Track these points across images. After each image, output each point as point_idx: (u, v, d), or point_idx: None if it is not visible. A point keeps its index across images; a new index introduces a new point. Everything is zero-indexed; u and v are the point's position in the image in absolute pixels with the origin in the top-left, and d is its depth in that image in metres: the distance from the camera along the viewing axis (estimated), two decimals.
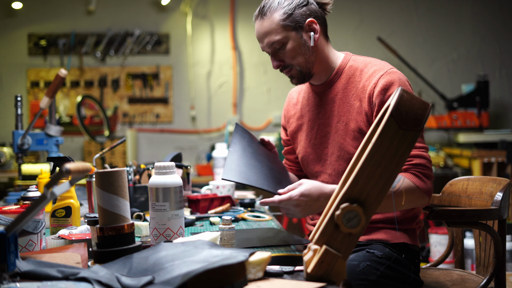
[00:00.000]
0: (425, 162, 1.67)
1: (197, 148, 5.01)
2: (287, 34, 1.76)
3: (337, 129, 1.80)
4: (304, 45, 1.77)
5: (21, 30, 4.96)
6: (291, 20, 1.75)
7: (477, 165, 4.07)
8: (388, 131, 1.11)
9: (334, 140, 1.81)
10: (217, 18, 5.03)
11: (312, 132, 1.88)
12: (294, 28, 1.76)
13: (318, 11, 1.80)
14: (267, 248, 1.55)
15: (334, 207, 1.12)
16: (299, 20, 1.76)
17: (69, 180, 1.13)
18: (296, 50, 1.77)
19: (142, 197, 2.12)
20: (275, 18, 1.75)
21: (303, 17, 1.76)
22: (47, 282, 1.06)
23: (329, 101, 1.83)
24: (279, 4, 1.76)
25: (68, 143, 4.88)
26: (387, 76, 1.72)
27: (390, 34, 4.97)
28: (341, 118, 1.79)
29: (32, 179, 2.53)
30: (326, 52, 1.83)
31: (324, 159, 1.86)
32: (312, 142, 1.88)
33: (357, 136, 1.75)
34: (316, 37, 1.78)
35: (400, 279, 1.72)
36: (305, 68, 1.80)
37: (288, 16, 1.75)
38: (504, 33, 5.05)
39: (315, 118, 1.87)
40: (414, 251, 1.78)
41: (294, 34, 1.76)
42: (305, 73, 1.81)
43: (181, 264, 1.09)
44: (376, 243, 1.76)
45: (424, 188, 1.65)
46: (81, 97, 4.35)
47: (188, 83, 5.02)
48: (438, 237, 3.86)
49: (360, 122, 1.75)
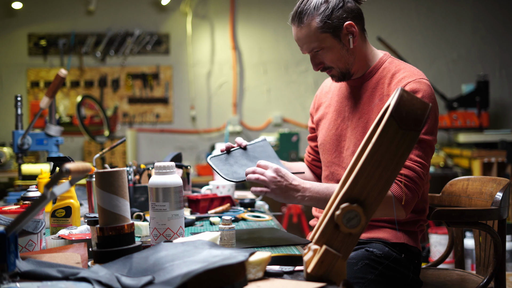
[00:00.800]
0: (413, 175, 1.63)
1: (197, 148, 5.01)
2: (325, 40, 1.75)
3: (357, 125, 1.81)
4: (343, 48, 1.77)
5: (21, 30, 4.96)
6: (329, 26, 1.73)
7: (477, 165, 4.07)
8: (388, 131, 1.11)
9: (352, 135, 1.82)
10: (217, 18, 5.03)
11: (336, 123, 1.89)
12: (333, 33, 1.75)
13: (355, 9, 1.78)
14: (267, 248, 1.55)
15: (334, 207, 1.12)
16: (337, 25, 1.74)
17: (69, 180, 1.13)
18: (335, 54, 1.77)
19: (142, 197, 2.12)
20: (312, 25, 1.74)
21: (340, 21, 1.74)
22: (47, 282, 1.06)
23: (357, 97, 1.84)
24: (315, 10, 1.73)
25: (68, 143, 4.88)
26: (414, 84, 1.71)
27: (390, 34, 4.97)
28: (363, 116, 1.80)
29: (32, 179, 2.53)
30: (364, 50, 1.82)
31: (339, 151, 1.87)
32: (333, 132, 1.89)
33: None
34: (354, 39, 1.76)
35: (399, 278, 1.72)
36: (344, 69, 1.81)
37: (326, 22, 1.73)
38: (504, 33, 5.05)
39: (341, 110, 1.88)
40: (414, 252, 1.78)
41: (332, 39, 1.75)
42: (345, 73, 1.82)
43: (181, 264, 1.09)
44: (376, 242, 1.76)
45: (400, 198, 1.60)
46: (81, 97, 4.35)
47: (188, 83, 5.02)
48: (438, 237, 3.87)
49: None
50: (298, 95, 5.04)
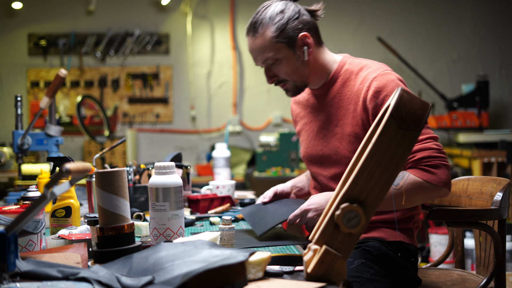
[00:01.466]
0: (429, 153, 1.62)
1: (197, 148, 5.01)
2: (280, 50, 1.74)
3: (334, 133, 1.80)
4: (297, 60, 1.76)
5: (21, 30, 4.96)
6: (283, 36, 1.72)
7: (477, 165, 4.07)
8: (388, 131, 1.11)
9: (331, 143, 1.81)
10: (217, 18, 5.03)
11: (312, 134, 1.89)
12: (287, 44, 1.74)
13: (310, 21, 1.77)
14: (267, 248, 1.55)
15: (334, 207, 1.12)
16: (292, 36, 1.73)
17: (69, 180, 1.13)
18: (290, 66, 1.76)
19: (142, 197, 2.12)
20: (267, 34, 1.73)
21: (295, 31, 1.73)
22: (47, 282, 1.06)
23: (327, 105, 1.83)
24: (270, 19, 1.73)
25: (68, 143, 4.88)
26: (379, 79, 1.70)
27: (390, 34, 4.97)
28: (338, 122, 1.79)
29: (32, 179, 2.53)
30: (321, 59, 1.81)
31: (321, 161, 1.86)
32: (312, 143, 1.89)
33: (353, 140, 1.75)
34: (309, 51, 1.75)
35: (396, 277, 1.72)
36: (299, 82, 1.80)
37: (281, 32, 1.72)
38: (504, 33, 5.05)
39: (315, 120, 1.88)
40: (411, 250, 1.78)
41: (287, 49, 1.74)
42: (300, 86, 1.81)
43: (181, 264, 1.09)
44: (373, 241, 1.76)
45: (435, 180, 1.60)
46: (81, 97, 4.35)
47: (188, 83, 5.02)
48: (438, 237, 3.86)
49: (355, 126, 1.74)
50: None
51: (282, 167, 4.33)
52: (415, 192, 1.61)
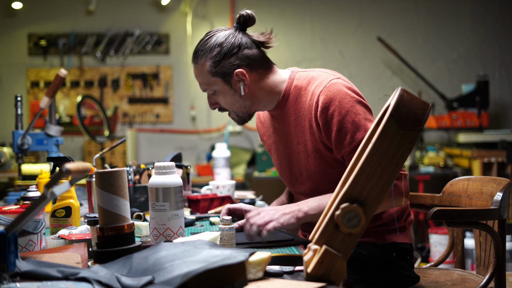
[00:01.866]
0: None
1: (197, 148, 5.01)
2: (216, 83, 1.73)
3: (298, 151, 1.77)
4: (234, 94, 1.73)
5: (21, 30, 4.96)
6: (218, 71, 1.70)
7: (477, 165, 4.06)
8: (388, 131, 1.11)
9: (298, 161, 1.78)
10: (217, 18, 5.03)
11: (279, 155, 1.86)
12: (223, 78, 1.71)
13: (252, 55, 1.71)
14: (267, 248, 1.55)
15: (334, 207, 1.12)
16: (227, 71, 1.70)
17: (69, 180, 1.13)
18: (228, 99, 1.75)
19: (142, 197, 2.12)
20: (204, 67, 1.71)
21: (231, 67, 1.70)
22: (47, 282, 1.06)
23: (285, 124, 1.79)
24: (209, 52, 1.70)
25: (68, 143, 4.88)
26: (325, 92, 1.65)
27: (390, 34, 4.97)
28: (299, 140, 1.76)
29: (32, 179, 2.53)
30: (267, 86, 1.75)
31: (294, 180, 1.84)
32: (282, 163, 1.86)
33: (317, 156, 1.72)
34: (245, 87, 1.72)
35: (390, 278, 1.72)
36: (241, 112, 1.78)
37: (216, 66, 1.70)
38: (504, 33, 5.05)
39: (278, 141, 1.85)
40: (405, 249, 1.78)
41: (223, 84, 1.72)
42: (242, 117, 1.79)
43: (181, 264, 1.09)
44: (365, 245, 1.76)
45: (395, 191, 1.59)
46: (81, 97, 4.35)
47: (188, 83, 5.02)
48: (438, 237, 3.86)
49: (315, 142, 1.71)
50: None
51: None
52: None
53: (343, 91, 1.65)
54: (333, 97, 1.64)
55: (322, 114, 1.65)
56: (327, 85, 1.66)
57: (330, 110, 1.64)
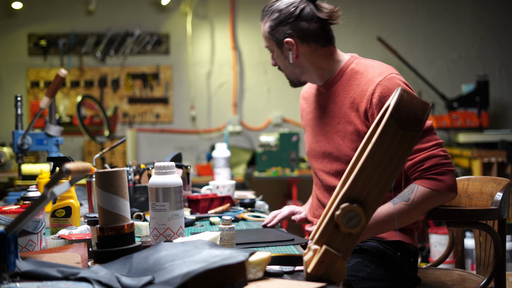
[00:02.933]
0: (437, 160, 1.63)
1: (197, 148, 5.01)
2: (272, 45, 1.83)
3: (337, 130, 1.81)
4: (285, 59, 1.83)
5: (21, 30, 4.96)
6: (272, 35, 1.81)
7: (477, 165, 4.06)
8: (388, 131, 1.11)
9: (333, 140, 1.82)
10: (217, 18, 5.03)
11: (316, 130, 1.91)
12: (276, 43, 1.82)
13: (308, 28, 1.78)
14: (267, 248, 1.55)
15: (334, 207, 1.12)
16: (279, 37, 1.80)
17: (69, 180, 1.13)
18: (280, 62, 1.85)
19: (142, 197, 2.12)
20: (265, 27, 1.83)
21: (282, 35, 1.79)
22: (47, 282, 1.06)
23: (330, 102, 1.84)
24: (271, 14, 1.80)
25: (68, 143, 4.88)
26: (385, 83, 1.70)
27: (390, 34, 4.97)
28: (341, 120, 1.80)
29: (32, 179, 2.53)
30: (320, 62, 1.82)
31: (322, 157, 1.87)
32: (315, 139, 1.90)
33: (355, 138, 1.75)
34: (293, 56, 1.80)
35: (393, 277, 1.72)
36: (291, 77, 1.88)
37: (272, 30, 1.81)
38: (504, 33, 5.05)
39: (320, 116, 1.89)
40: (411, 250, 1.78)
41: (276, 48, 1.83)
42: (293, 81, 1.88)
43: (181, 264, 1.09)
44: (371, 240, 1.77)
45: (442, 187, 1.62)
46: (81, 97, 4.35)
47: (188, 83, 5.02)
48: (438, 237, 3.86)
49: (358, 125, 1.74)
50: (298, 95, 5.01)
51: (282, 167, 4.33)
52: (425, 203, 1.62)
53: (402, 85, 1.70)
54: (393, 89, 1.69)
55: (379, 103, 1.69)
56: (388, 77, 1.72)
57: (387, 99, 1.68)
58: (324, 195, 1.88)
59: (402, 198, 1.62)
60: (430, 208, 1.64)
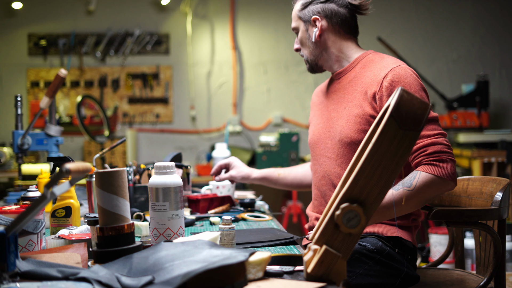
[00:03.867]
0: (440, 148, 1.65)
1: (197, 148, 5.01)
2: (299, 24, 1.93)
3: (342, 115, 1.85)
4: (308, 38, 1.92)
5: (21, 30, 4.96)
6: (303, 13, 1.91)
7: (477, 165, 4.06)
8: (388, 131, 1.11)
9: (337, 124, 1.86)
10: (217, 18, 5.03)
11: (322, 116, 1.96)
12: (304, 21, 1.92)
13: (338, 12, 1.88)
14: (267, 248, 1.55)
15: (334, 207, 1.12)
16: (307, 15, 1.90)
17: (69, 180, 1.13)
18: (302, 40, 1.94)
19: (142, 197, 2.12)
20: (296, 7, 1.95)
21: (311, 12, 1.89)
22: (47, 282, 1.06)
23: (342, 87, 1.90)
24: None
25: (68, 143, 4.88)
26: (398, 70, 1.76)
27: (390, 34, 4.97)
28: (348, 104, 1.84)
29: (32, 179, 2.53)
30: (338, 44, 1.91)
31: (325, 142, 1.91)
32: (320, 125, 1.95)
33: (358, 121, 1.79)
34: (316, 33, 1.88)
35: (391, 273, 1.72)
36: (310, 58, 1.94)
37: (303, 9, 1.91)
38: (504, 33, 5.05)
39: (328, 103, 1.95)
40: (409, 248, 1.79)
41: (303, 25, 1.92)
42: (311, 63, 1.95)
43: (181, 264, 1.09)
44: (370, 236, 1.77)
45: (444, 174, 1.62)
46: (81, 97, 4.35)
47: (188, 83, 5.02)
48: (438, 237, 3.86)
49: (364, 107, 1.78)
50: (298, 95, 5.04)
51: (282, 167, 4.33)
52: (427, 189, 1.62)
53: (413, 76, 1.77)
54: (405, 76, 1.75)
55: (389, 86, 1.74)
56: (402, 66, 1.79)
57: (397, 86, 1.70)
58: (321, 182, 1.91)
59: (404, 184, 1.62)
60: (431, 196, 1.64)
